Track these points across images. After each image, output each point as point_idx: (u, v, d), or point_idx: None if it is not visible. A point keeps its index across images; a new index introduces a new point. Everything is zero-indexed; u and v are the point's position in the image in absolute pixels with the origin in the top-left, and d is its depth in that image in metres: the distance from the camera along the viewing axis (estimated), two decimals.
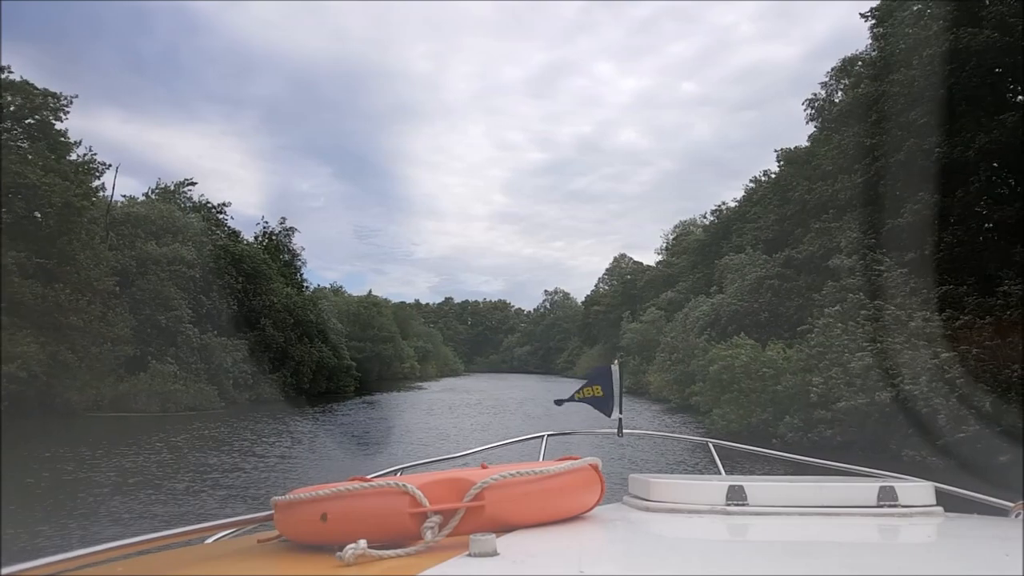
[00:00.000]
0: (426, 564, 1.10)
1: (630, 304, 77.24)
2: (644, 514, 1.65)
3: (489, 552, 1.13)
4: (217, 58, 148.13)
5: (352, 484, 1.30)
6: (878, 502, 1.61)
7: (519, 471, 1.34)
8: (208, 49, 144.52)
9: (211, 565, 1.36)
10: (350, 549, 1.14)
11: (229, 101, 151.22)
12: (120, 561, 1.30)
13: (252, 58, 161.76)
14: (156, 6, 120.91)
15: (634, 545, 1.48)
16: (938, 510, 1.67)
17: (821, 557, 1.29)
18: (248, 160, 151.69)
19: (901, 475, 2.02)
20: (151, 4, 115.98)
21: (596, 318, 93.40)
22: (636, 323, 63.00)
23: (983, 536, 1.62)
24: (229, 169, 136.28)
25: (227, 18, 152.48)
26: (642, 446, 18.17)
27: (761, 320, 29.62)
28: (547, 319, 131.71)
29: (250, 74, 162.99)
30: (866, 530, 1.53)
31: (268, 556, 1.37)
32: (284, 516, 1.37)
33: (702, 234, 65.58)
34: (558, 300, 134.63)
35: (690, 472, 13.87)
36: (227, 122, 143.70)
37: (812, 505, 1.60)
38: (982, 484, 2.44)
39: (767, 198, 42.34)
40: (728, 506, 1.59)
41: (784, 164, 41.37)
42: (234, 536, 1.65)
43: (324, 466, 18.07)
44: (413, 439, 24.06)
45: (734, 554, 1.38)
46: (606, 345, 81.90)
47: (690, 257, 63.90)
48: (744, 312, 30.22)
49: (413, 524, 1.23)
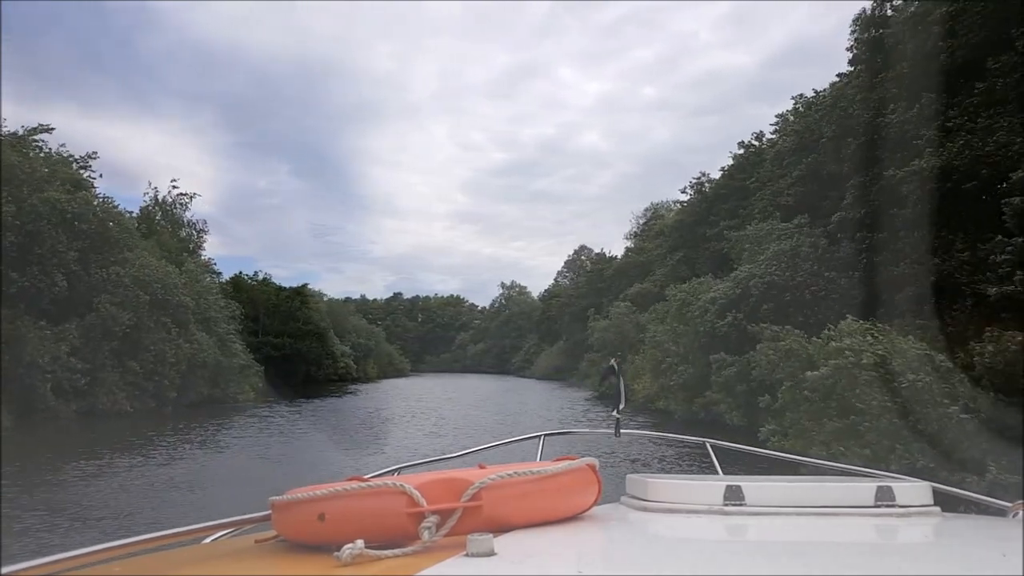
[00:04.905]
0: (423, 564, 1.10)
1: (596, 297, 68.73)
2: (642, 514, 1.63)
3: (487, 552, 1.12)
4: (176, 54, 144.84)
5: (350, 484, 1.30)
6: (875, 502, 1.58)
7: (516, 471, 1.35)
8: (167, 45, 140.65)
9: (209, 565, 1.36)
10: (348, 549, 1.14)
11: (188, 97, 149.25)
12: (117, 561, 1.29)
13: (213, 54, 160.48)
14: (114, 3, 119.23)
15: (632, 545, 1.45)
16: (935, 510, 1.63)
17: (818, 557, 1.27)
18: (206, 157, 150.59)
19: (899, 475, 2.08)
20: None
21: (557, 312, 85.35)
22: (604, 319, 54.22)
23: (981, 536, 1.59)
24: (186, 165, 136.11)
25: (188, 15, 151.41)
26: (639, 446, 18.05)
27: (805, 298, 20.55)
28: (502, 315, 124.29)
29: (210, 70, 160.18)
30: (863, 530, 1.51)
31: (266, 556, 1.37)
32: (282, 516, 1.36)
33: (680, 214, 56.93)
34: (514, 295, 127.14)
35: (688, 472, 12.72)
36: (185, 118, 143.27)
37: (810, 505, 1.58)
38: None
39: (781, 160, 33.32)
40: (726, 506, 1.57)
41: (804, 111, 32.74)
42: (231, 536, 1.63)
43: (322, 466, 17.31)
44: None
45: (732, 554, 1.36)
46: (568, 342, 74.96)
47: (667, 240, 55.49)
48: (782, 287, 21.06)
49: (411, 524, 1.23)
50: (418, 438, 24.15)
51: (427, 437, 24.50)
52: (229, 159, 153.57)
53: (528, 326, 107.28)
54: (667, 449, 18.24)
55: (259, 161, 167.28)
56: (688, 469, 15.34)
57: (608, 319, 52.77)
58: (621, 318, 49.52)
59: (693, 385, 25.65)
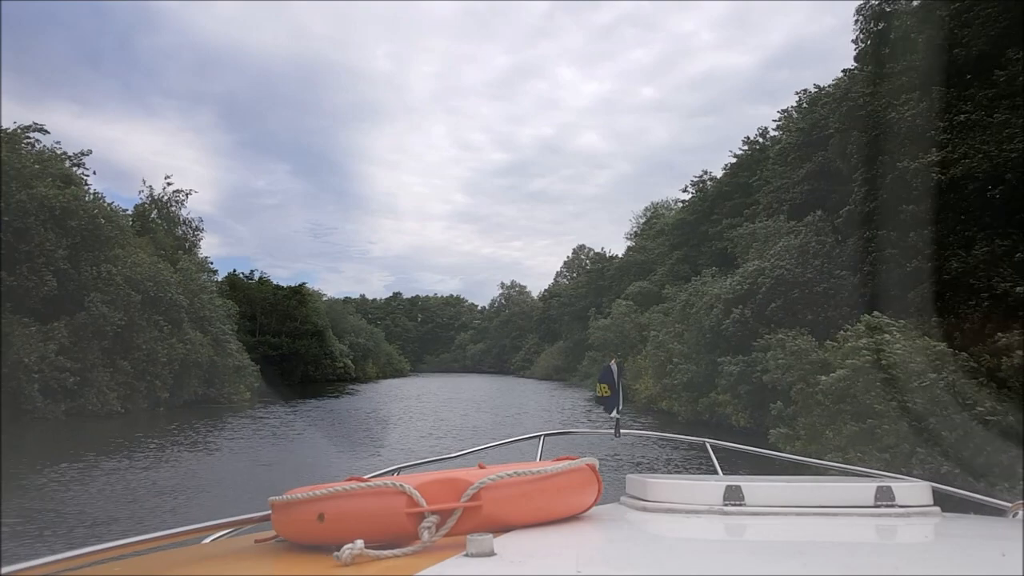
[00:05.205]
0: (423, 564, 1.09)
1: (596, 297, 68.12)
2: (641, 514, 1.63)
3: (486, 552, 1.12)
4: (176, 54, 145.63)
5: (349, 484, 1.29)
6: (875, 502, 1.58)
7: (516, 471, 1.34)
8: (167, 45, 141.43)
9: (208, 565, 1.36)
10: (347, 549, 1.14)
11: (187, 97, 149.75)
12: (118, 561, 1.29)
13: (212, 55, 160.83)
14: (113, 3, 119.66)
15: (631, 545, 1.44)
16: (935, 510, 1.63)
17: (818, 557, 1.26)
18: (204, 157, 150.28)
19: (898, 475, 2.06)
20: None
21: (557, 311, 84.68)
22: (605, 318, 53.59)
23: (981, 536, 1.58)
24: (184, 166, 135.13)
25: (187, 15, 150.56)
26: (639, 446, 17.91)
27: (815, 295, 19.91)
28: (502, 315, 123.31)
29: (209, 70, 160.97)
30: (863, 530, 1.50)
31: (265, 556, 1.38)
32: (281, 516, 1.36)
33: (681, 212, 56.27)
34: (514, 295, 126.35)
35: (687, 472, 12.76)
36: (184, 118, 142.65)
37: (809, 505, 1.58)
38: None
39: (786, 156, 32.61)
40: (725, 506, 1.56)
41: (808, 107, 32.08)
42: (231, 536, 1.64)
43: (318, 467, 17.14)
44: None
45: (731, 554, 1.36)
46: (568, 342, 74.35)
47: (668, 239, 54.87)
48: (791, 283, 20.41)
49: (410, 524, 1.23)
50: (417, 439, 23.59)
51: (426, 438, 23.91)
52: (228, 159, 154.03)
53: (528, 326, 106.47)
54: (667, 449, 18.06)
55: (258, 161, 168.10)
56: (688, 469, 15.14)
57: (608, 318, 52.16)
58: (622, 317, 48.90)
59: (698, 385, 24.96)
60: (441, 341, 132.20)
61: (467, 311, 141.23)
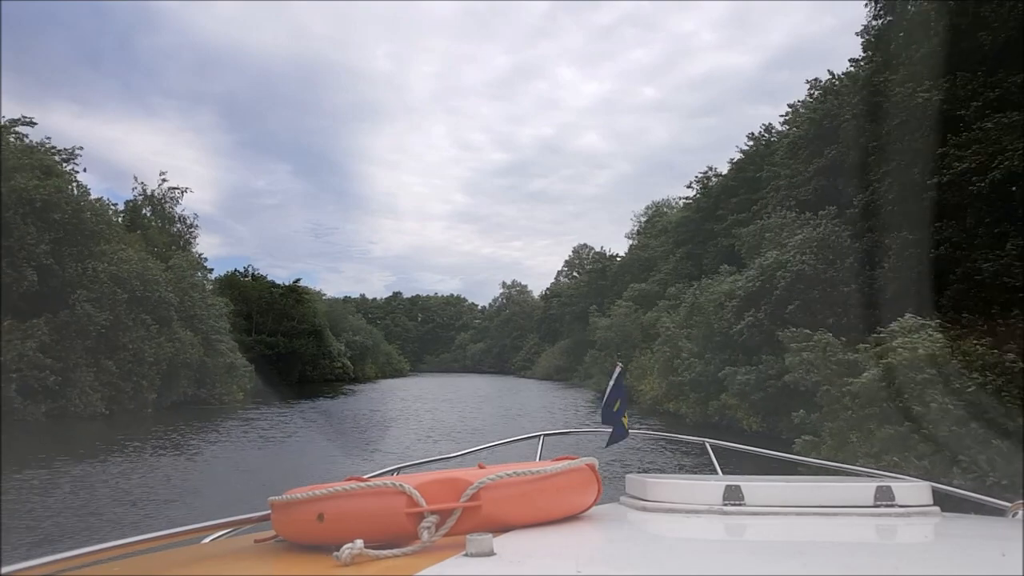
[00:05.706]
0: (423, 564, 1.09)
1: (597, 296, 67.09)
2: (641, 514, 1.62)
3: (486, 552, 1.12)
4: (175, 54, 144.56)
5: (349, 484, 1.29)
6: (875, 502, 1.57)
7: (516, 471, 1.34)
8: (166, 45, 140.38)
9: (208, 565, 1.35)
10: (347, 549, 1.14)
11: (187, 97, 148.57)
12: (117, 561, 1.28)
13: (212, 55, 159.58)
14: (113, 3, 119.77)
15: (631, 545, 1.44)
16: (935, 510, 1.62)
17: (818, 557, 1.25)
18: (204, 157, 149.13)
19: (898, 475, 2.04)
20: None
21: (558, 311, 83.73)
22: (607, 318, 52.58)
23: (980, 536, 1.57)
24: (185, 166, 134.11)
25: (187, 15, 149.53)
26: (639, 446, 17.71)
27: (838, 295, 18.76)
28: (503, 314, 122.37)
29: (209, 70, 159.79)
30: (863, 530, 1.49)
31: (265, 556, 1.37)
32: (281, 516, 1.35)
33: (685, 210, 55.19)
34: (514, 295, 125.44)
35: (687, 472, 12.73)
36: (184, 118, 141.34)
37: (809, 505, 1.57)
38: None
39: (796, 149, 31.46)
40: (725, 506, 1.55)
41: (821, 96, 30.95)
42: (231, 536, 1.64)
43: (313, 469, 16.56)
44: None
45: (731, 554, 1.35)
46: (570, 342, 73.37)
47: (671, 237, 53.84)
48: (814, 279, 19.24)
49: (410, 524, 1.23)
50: (416, 440, 22.64)
51: (426, 439, 22.92)
52: (228, 159, 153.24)
53: (529, 326, 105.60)
54: (667, 449, 17.95)
55: (258, 161, 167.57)
56: (688, 469, 15.20)
57: (610, 318, 51.16)
58: (624, 317, 47.90)
59: (706, 385, 23.84)
60: (441, 341, 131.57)
61: (467, 311, 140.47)
